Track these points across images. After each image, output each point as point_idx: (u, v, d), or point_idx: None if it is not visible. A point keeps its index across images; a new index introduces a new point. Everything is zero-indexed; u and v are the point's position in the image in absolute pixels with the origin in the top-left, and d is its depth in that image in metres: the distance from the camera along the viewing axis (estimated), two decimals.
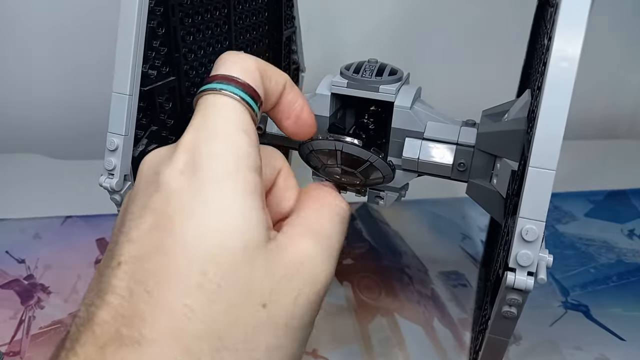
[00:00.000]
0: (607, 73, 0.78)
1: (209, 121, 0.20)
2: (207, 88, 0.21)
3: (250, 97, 0.21)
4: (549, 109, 0.22)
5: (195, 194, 0.18)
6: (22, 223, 0.54)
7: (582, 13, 0.22)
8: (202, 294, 0.17)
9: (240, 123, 0.20)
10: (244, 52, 0.23)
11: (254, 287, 0.18)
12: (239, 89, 0.21)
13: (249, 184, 0.19)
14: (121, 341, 0.17)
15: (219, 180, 0.19)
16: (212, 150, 0.19)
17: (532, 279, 0.23)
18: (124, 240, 0.19)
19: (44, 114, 0.72)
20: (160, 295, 0.17)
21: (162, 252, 0.18)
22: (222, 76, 0.21)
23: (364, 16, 0.72)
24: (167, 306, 0.17)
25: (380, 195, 0.37)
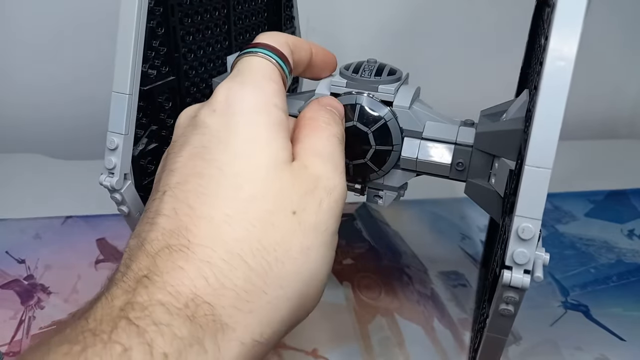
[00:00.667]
0: (607, 73, 0.78)
1: (242, 73, 0.24)
2: (244, 52, 0.25)
3: (279, 59, 0.25)
4: (545, 107, 0.22)
5: (226, 127, 0.22)
6: (22, 223, 0.54)
7: (579, 12, 0.22)
8: (239, 204, 0.20)
9: (269, 74, 0.24)
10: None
11: (284, 197, 0.21)
12: (269, 52, 0.25)
13: (274, 118, 0.23)
14: (170, 249, 0.19)
15: (248, 114, 0.22)
16: (242, 92, 0.23)
17: (528, 277, 0.23)
18: (167, 172, 0.21)
19: (44, 114, 0.72)
20: (202, 208, 0.20)
21: (200, 175, 0.21)
22: (257, 43, 0.26)
23: (363, 16, 0.72)
24: (209, 216, 0.20)
25: (379, 195, 0.37)
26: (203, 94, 0.37)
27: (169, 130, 0.34)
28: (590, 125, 0.80)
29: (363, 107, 0.34)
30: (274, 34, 0.27)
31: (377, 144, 0.34)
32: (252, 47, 0.25)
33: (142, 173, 0.33)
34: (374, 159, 0.35)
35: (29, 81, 0.71)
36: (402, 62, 0.39)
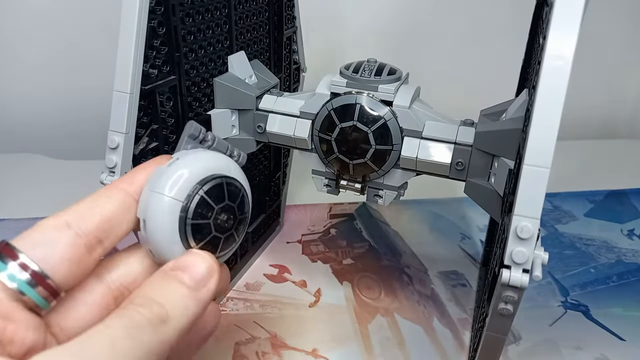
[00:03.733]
0: (607, 73, 0.78)
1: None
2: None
3: (26, 283, 0.19)
4: (543, 107, 0.23)
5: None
6: (22, 223, 0.54)
7: (576, 12, 0.22)
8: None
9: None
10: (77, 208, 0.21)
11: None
12: (11, 273, 0.19)
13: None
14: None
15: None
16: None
17: (527, 276, 0.23)
18: None
19: (44, 114, 0.72)
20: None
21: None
22: (6, 247, 0.19)
23: (364, 16, 0.72)
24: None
25: (379, 194, 0.37)
26: (204, 93, 0.37)
27: (169, 130, 0.34)
28: (590, 125, 0.80)
29: (363, 107, 0.34)
30: (49, 228, 0.20)
31: (377, 143, 0.34)
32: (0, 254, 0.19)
33: None
34: (374, 158, 0.35)
35: (29, 81, 0.71)
36: (402, 62, 0.39)
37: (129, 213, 0.22)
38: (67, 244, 0.20)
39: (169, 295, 0.20)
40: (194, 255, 0.22)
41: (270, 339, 0.40)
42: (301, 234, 0.53)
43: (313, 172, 0.39)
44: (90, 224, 0.21)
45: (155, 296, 0.20)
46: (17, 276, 0.19)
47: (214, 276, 0.22)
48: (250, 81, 0.39)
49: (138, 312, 0.19)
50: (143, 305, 0.19)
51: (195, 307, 0.21)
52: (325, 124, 0.35)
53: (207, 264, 0.22)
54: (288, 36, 0.46)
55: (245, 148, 0.40)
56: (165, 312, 0.19)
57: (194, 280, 0.21)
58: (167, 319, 0.19)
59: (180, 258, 0.22)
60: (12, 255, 0.19)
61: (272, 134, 0.38)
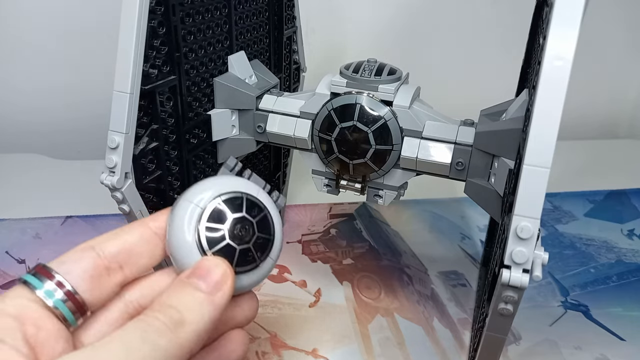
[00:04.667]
0: (607, 73, 0.78)
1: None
2: (23, 279, 0.21)
3: (62, 301, 0.20)
4: (543, 107, 0.23)
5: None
6: (22, 223, 0.54)
7: (576, 12, 0.22)
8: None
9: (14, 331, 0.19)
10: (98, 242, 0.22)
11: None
12: (49, 291, 0.20)
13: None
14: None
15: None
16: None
17: (527, 276, 0.23)
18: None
19: (44, 114, 0.72)
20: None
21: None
22: (45, 271, 0.21)
23: (364, 16, 0.72)
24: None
25: (379, 194, 0.37)
26: (204, 93, 0.37)
27: (169, 130, 0.34)
28: (590, 125, 0.80)
29: (363, 107, 0.34)
30: (76, 249, 0.22)
31: (377, 143, 0.34)
32: (38, 274, 0.21)
33: (142, 172, 0.33)
34: (374, 158, 0.35)
35: (29, 81, 0.71)
36: (402, 62, 0.39)
37: (149, 245, 0.23)
38: (89, 262, 0.22)
39: (184, 301, 0.21)
40: (208, 261, 0.22)
41: (270, 339, 0.40)
42: (301, 234, 0.53)
43: (313, 172, 0.39)
44: (112, 248, 0.22)
45: (171, 302, 0.21)
46: (54, 293, 0.20)
47: (228, 281, 0.22)
48: (250, 81, 0.39)
49: (155, 317, 0.20)
50: (159, 311, 0.20)
51: (212, 310, 0.21)
52: (325, 124, 0.35)
53: (221, 269, 0.22)
54: (288, 36, 0.46)
55: (245, 148, 0.40)
56: (181, 316, 0.20)
57: (209, 285, 0.22)
58: (184, 323, 0.20)
59: (195, 266, 0.22)
60: (48, 275, 0.21)
61: (272, 134, 0.38)
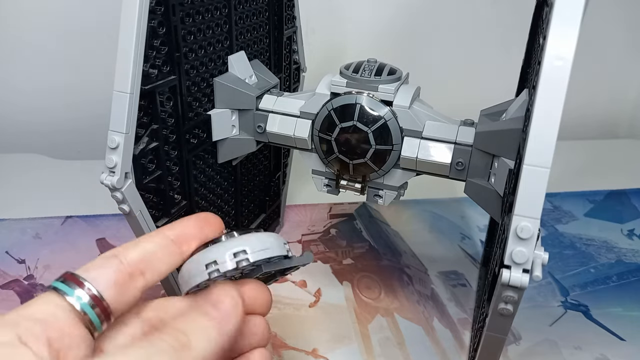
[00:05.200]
0: (607, 73, 0.78)
1: (14, 322, 0.20)
2: (54, 284, 0.21)
3: (90, 307, 0.21)
4: (543, 107, 0.23)
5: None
6: (22, 223, 0.54)
7: (576, 12, 0.22)
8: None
9: (33, 336, 0.19)
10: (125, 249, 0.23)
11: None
12: (83, 302, 0.21)
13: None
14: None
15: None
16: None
17: (527, 276, 0.23)
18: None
19: (44, 114, 0.72)
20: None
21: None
22: (74, 278, 0.21)
23: (364, 16, 0.72)
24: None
25: (379, 194, 0.37)
26: (204, 93, 0.37)
27: (169, 130, 0.34)
28: (590, 125, 0.80)
29: (363, 107, 0.34)
30: (100, 258, 0.22)
31: (377, 143, 0.34)
32: (67, 281, 0.21)
33: (142, 172, 0.33)
34: (374, 158, 0.35)
35: (29, 81, 0.71)
36: (402, 62, 0.39)
37: (167, 251, 0.24)
38: (113, 269, 0.22)
39: (193, 326, 0.22)
40: (221, 289, 0.23)
41: (270, 338, 0.40)
42: (301, 234, 0.53)
43: (313, 172, 0.39)
44: (133, 256, 0.23)
45: (180, 326, 0.22)
46: (82, 298, 0.21)
47: (238, 310, 0.23)
48: (250, 81, 0.39)
49: (161, 339, 0.21)
50: (167, 333, 0.21)
51: (219, 337, 0.22)
52: (325, 124, 0.35)
53: (234, 300, 0.23)
54: (288, 36, 0.46)
55: (245, 148, 0.40)
56: (188, 339, 0.21)
57: (219, 313, 0.23)
58: (190, 347, 0.21)
59: (208, 291, 0.23)
60: (78, 283, 0.21)
61: (272, 134, 0.38)
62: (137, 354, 0.20)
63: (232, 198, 0.44)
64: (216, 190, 0.41)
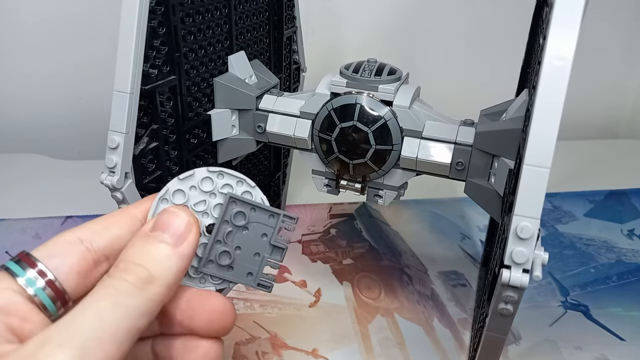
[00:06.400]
0: (607, 73, 0.78)
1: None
2: (5, 265, 0.21)
3: (42, 289, 0.20)
4: (543, 107, 0.23)
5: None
6: (22, 223, 0.54)
7: (576, 12, 0.22)
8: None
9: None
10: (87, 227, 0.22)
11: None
12: (31, 280, 0.20)
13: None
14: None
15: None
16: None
17: (527, 276, 0.23)
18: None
19: (44, 114, 0.72)
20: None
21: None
22: (27, 258, 0.21)
23: (364, 16, 0.72)
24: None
25: (379, 194, 0.37)
26: (204, 93, 0.37)
27: (169, 130, 0.34)
28: (590, 125, 0.80)
29: (363, 107, 0.34)
30: (63, 241, 0.22)
31: (377, 143, 0.34)
32: (21, 262, 0.21)
33: (142, 172, 0.33)
34: (374, 158, 0.35)
35: (29, 81, 0.71)
36: (402, 62, 0.39)
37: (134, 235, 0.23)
38: (77, 256, 0.22)
39: (151, 256, 0.21)
40: (170, 213, 0.23)
41: (270, 339, 0.40)
42: (301, 234, 0.53)
43: (313, 172, 0.39)
44: (101, 243, 0.22)
45: (138, 259, 0.21)
46: (35, 282, 0.20)
47: (192, 229, 0.23)
48: (250, 81, 0.39)
49: (123, 278, 0.20)
50: (126, 271, 0.20)
51: (179, 262, 0.22)
52: (325, 124, 0.35)
53: (184, 220, 0.23)
54: (288, 36, 0.46)
55: (245, 148, 0.40)
56: (149, 273, 0.20)
57: (173, 237, 0.22)
58: (153, 279, 0.20)
59: (158, 217, 0.23)
60: (31, 264, 0.21)
61: (272, 134, 0.38)
62: (104, 303, 0.19)
63: None
64: None
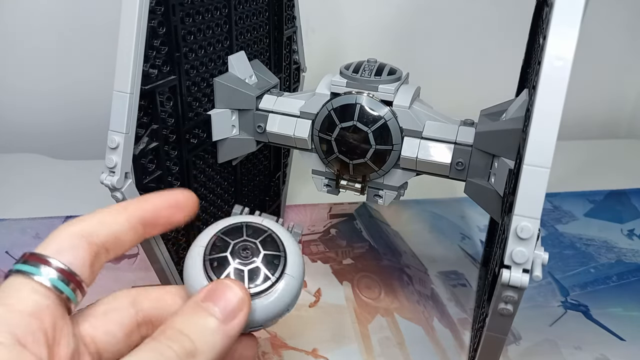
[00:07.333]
0: (607, 73, 0.78)
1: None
2: (15, 269, 0.21)
3: (63, 283, 0.21)
4: (543, 107, 0.23)
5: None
6: (22, 223, 0.54)
7: (576, 12, 0.22)
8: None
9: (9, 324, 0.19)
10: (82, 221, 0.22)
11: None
12: (54, 279, 0.20)
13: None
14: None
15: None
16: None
17: (527, 276, 0.23)
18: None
19: (44, 114, 0.72)
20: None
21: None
22: (37, 258, 0.21)
23: (364, 16, 0.72)
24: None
25: (379, 194, 0.37)
26: (204, 93, 0.37)
27: (169, 130, 0.34)
28: (590, 125, 0.80)
29: (363, 107, 0.34)
30: (66, 236, 0.22)
31: (377, 143, 0.34)
32: (30, 261, 0.21)
33: (142, 172, 0.33)
34: (374, 158, 0.35)
35: (29, 81, 0.71)
36: (402, 62, 0.39)
37: (131, 232, 0.24)
38: (84, 252, 0.22)
39: (198, 330, 0.21)
40: (224, 285, 0.22)
41: (270, 339, 0.40)
42: (301, 234, 0.53)
43: (313, 172, 0.39)
44: (101, 237, 0.22)
45: (186, 330, 0.21)
46: (52, 276, 0.21)
47: (244, 308, 0.22)
48: (250, 81, 0.39)
49: (168, 346, 0.20)
50: (172, 339, 0.20)
51: (223, 341, 0.21)
52: (325, 124, 0.35)
53: (237, 296, 0.22)
54: (288, 36, 0.46)
55: (245, 148, 0.40)
56: (194, 347, 0.20)
57: (224, 312, 0.22)
58: (195, 354, 0.20)
59: (211, 287, 0.22)
60: (42, 261, 0.21)
61: (272, 134, 0.38)
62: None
63: (232, 198, 0.44)
64: (216, 190, 0.41)
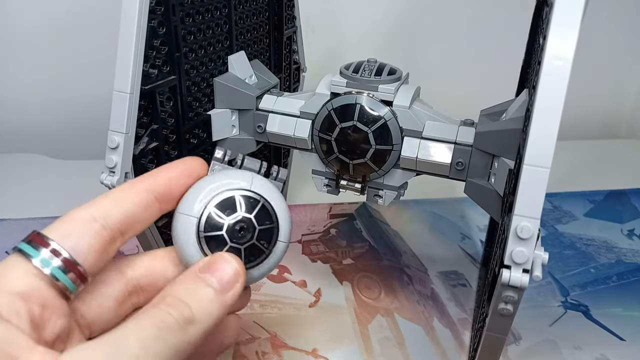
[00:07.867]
0: (607, 73, 0.78)
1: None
2: (18, 247, 0.21)
3: (60, 270, 0.20)
4: (543, 107, 0.23)
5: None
6: (22, 223, 0.54)
7: (576, 12, 0.22)
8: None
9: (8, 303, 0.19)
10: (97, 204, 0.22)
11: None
12: (46, 260, 0.20)
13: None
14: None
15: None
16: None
17: (527, 276, 0.23)
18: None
19: (44, 114, 0.72)
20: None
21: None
22: (40, 239, 0.21)
23: (364, 16, 0.72)
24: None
25: (379, 194, 0.37)
26: (204, 93, 0.37)
27: (169, 130, 0.34)
28: (590, 125, 0.80)
29: (363, 107, 0.34)
30: (76, 220, 0.21)
31: (377, 143, 0.34)
32: (33, 242, 0.20)
33: (142, 172, 0.33)
34: (374, 158, 0.35)
35: (29, 82, 0.71)
36: (402, 62, 0.39)
37: (148, 210, 0.23)
38: (93, 235, 0.21)
39: (197, 298, 0.21)
40: (222, 258, 0.23)
41: (270, 339, 0.40)
42: (301, 234, 0.53)
43: (313, 172, 0.39)
44: (115, 219, 0.22)
45: (184, 297, 0.21)
46: (51, 262, 0.20)
47: (239, 280, 0.23)
48: (250, 81, 0.39)
49: (168, 312, 0.20)
50: (172, 306, 0.21)
51: (220, 310, 0.22)
52: (325, 124, 0.35)
53: (233, 268, 0.23)
54: (288, 36, 0.46)
55: (245, 148, 0.40)
56: (192, 314, 0.21)
57: (221, 283, 0.22)
58: (194, 321, 0.21)
59: (210, 260, 0.23)
60: (44, 243, 0.20)
61: (272, 134, 0.38)
62: (148, 333, 0.19)
63: None
64: None
